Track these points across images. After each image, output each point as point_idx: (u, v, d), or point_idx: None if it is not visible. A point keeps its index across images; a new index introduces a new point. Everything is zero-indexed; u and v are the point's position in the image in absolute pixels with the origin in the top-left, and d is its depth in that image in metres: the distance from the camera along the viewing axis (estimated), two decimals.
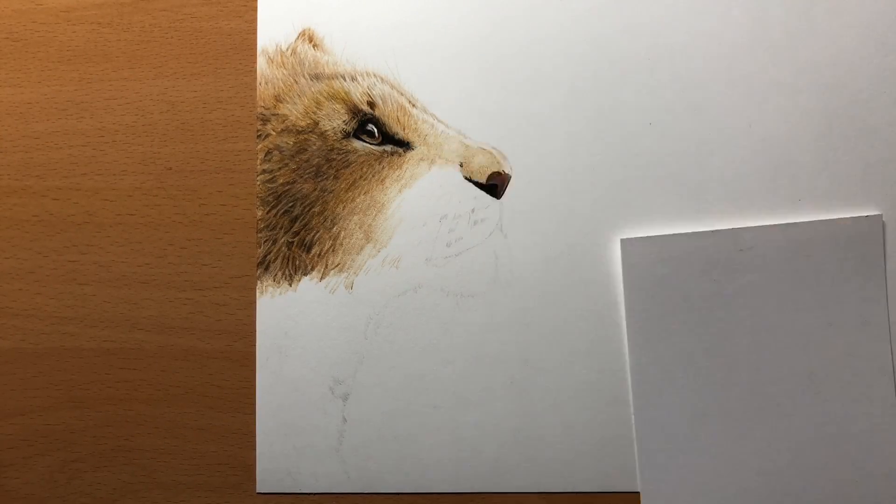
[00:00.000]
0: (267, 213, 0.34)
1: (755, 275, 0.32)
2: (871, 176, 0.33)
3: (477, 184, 0.33)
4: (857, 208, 0.33)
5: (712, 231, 0.33)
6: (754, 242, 0.32)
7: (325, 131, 0.34)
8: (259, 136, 0.34)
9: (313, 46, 0.34)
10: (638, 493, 0.32)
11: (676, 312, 0.32)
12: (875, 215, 0.32)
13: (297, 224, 0.34)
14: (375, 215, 0.34)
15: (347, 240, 0.34)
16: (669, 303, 0.32)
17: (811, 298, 0.32)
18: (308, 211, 0.34)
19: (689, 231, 0.33)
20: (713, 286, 0.32)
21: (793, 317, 0.32)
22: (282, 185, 0.34)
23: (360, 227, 0.34)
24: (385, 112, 0.34)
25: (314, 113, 0.34)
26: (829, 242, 0.32)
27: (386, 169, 0.34)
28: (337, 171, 0.34)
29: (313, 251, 0.34)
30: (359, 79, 0.34)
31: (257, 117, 0.34)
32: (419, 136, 0.34)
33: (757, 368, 0.32)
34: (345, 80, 0.34)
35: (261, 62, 0.34)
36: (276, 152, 0.34)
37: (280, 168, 0.34)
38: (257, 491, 0.34)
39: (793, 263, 0.32)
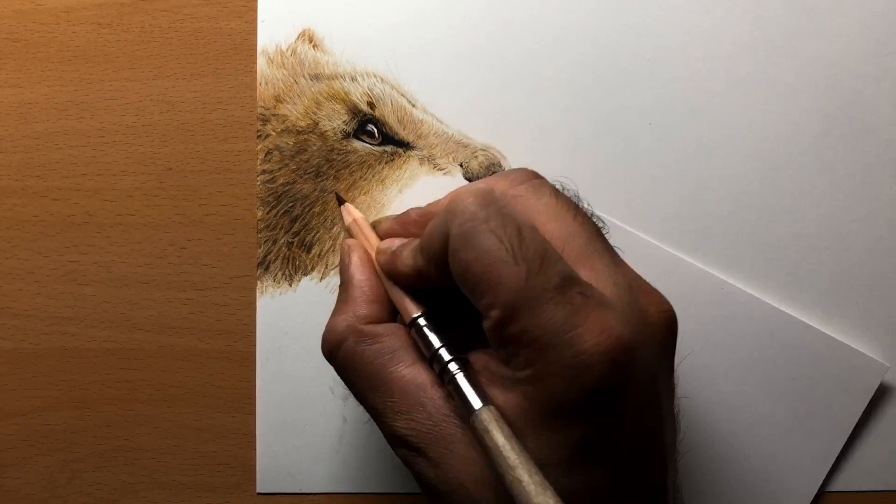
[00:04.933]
0: (267, 213, 0.34)
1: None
2: (870, 178, 0.33)
3: None
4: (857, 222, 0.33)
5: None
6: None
7: (325, 131, 0.34)
8: (259, 137, 0.34)
9: (313, 47, 0.34)
10: None
11: None
12: (879, 363, 0.32)
13: (297, 224, 0.34)
14: (376, 215, 0.34)
15: None
16: None
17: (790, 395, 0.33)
18: (308, 211, 0.34)
19: (688, 231, 0.33)
20: None
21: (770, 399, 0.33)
22: (282, 185, 0.34)
23: None
24: (385, 112, 0.34)
25: (314, 113, 0.34)
26: (821, 355, 0.32)
27: (386, 169, 0.34)
28: (337, 171, 0.34)
29: (313, 251, 0.34)
30: (359, 79, 0.34)
31: (257, 117, 0.34)
32: (419, 136, 0.34)
33: None
34: (345, 80, 0.34)
35: (261, 62, 0.34)
36: (276, 152, 0.34)
37: (280, 168, 0.34)
38: (257, 491, 0.34)
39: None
